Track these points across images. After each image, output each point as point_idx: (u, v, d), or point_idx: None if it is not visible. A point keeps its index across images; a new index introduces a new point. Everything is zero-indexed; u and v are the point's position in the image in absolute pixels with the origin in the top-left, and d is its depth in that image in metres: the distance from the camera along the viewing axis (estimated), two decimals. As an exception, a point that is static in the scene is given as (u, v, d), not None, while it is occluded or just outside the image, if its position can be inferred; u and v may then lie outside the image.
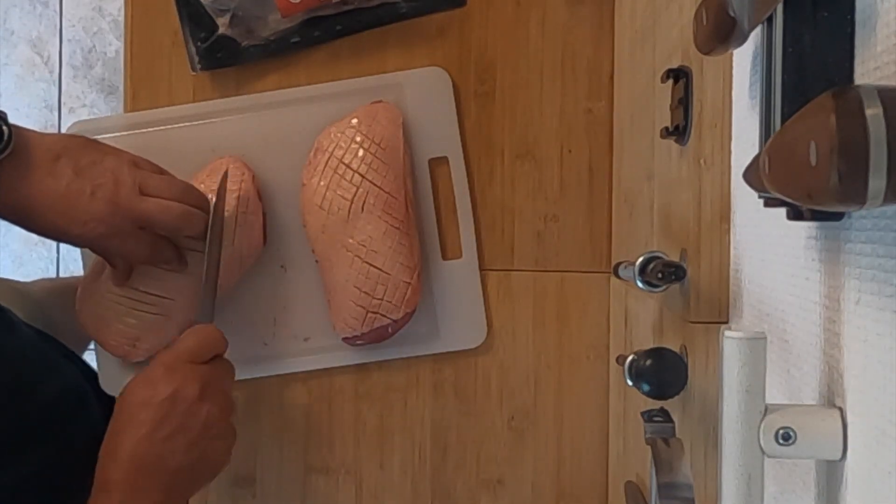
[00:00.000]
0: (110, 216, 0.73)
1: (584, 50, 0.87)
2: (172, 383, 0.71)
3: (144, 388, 0.71)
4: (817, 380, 0.39)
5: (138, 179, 0.74)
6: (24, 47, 2.09)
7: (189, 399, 0.71)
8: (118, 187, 0.73)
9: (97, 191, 0.72)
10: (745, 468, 0.37)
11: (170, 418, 0.70)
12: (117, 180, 0.73)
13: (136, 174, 0.74)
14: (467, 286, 0.88)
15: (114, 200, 0.73)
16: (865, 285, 0.34)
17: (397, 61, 0.88)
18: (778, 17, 0.38)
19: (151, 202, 0.74)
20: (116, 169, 0.74)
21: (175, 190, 0.76)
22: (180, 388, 0.71)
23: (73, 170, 0.72)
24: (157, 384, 0.71)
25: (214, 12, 0.86)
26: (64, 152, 0.73)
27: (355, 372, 0.90)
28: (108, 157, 0.74)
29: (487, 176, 0.88)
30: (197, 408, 0.71)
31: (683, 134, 0.59)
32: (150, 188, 0.75)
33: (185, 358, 0.73)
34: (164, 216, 0.74)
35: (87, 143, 0.75)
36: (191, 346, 0.73)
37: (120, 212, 0.73)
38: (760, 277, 0.48)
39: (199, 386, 0.71)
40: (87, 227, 0.72)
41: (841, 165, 0.27)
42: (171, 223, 0.75)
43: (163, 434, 0.69)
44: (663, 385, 0.57)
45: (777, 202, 0.39)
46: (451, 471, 0.90)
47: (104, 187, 0.72)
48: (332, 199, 0.82)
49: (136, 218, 0.74)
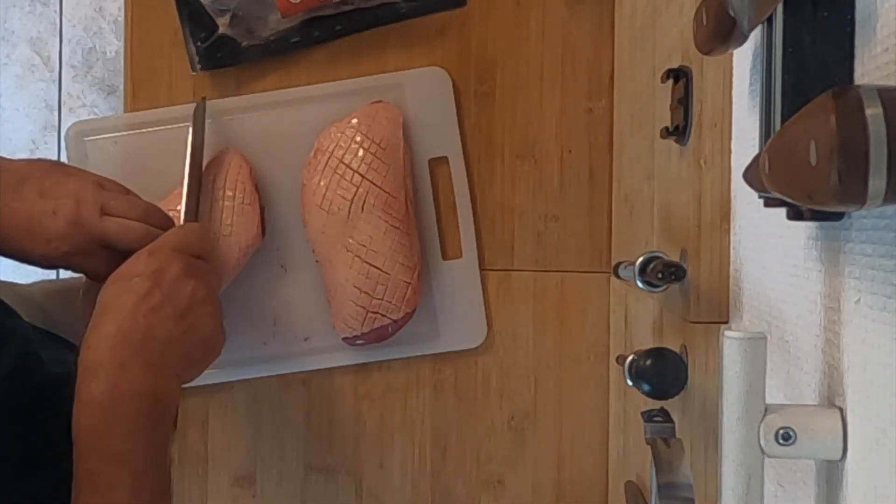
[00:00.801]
0: (72, 235, 0.73)
1: (584, 50, 0.87)
2: (155, 262, 0.70)
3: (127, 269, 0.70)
4: (817, 380, 0.39)
5: (101, 199, 0.75)
6: (24, 47, 2.09)
7: (174, 274, 0.70)
8: (80, 207, 0.74)
9: (59, 210, 0.73)
10: (745, 468, 0.37)
11: (154, 291, 0.69)
12: (79, 200, 0.74)
13: (99, 194, 0.75)
14: (467, 286, 0.88)
15: (75, 220, 0.73)
16: (865, 285, 0.34)
17: (397, 61, 0.88)
18: (778, 17, 0.38)
19: (112, 222, 0.75)
20: (79, 189, 0.74)
21: (138, 210, 0.76)
22: (164, 265, 0.70)
23: (38, 192, 0.73)
24: (139, 262, 0.70)
25: (214, 12, 0.86)
26: (29, 175, 0.74)
27: (355, 372, 0.90)
28: (72, 178, 0.75)
29: (487, 176, 0.88)
30: (183, 283, 0.70)
31: (683, 134, 0.59)
32: (113, 208, 0.75)
33: (168, 245, 0.72)
34: (124, 235, 0.75)
35: (53, 167, 0.76)
36: (174, 235, 0.73)
37: (81, 231, 0.73)
38: (760, 277, 0.48)
39: (182, 265, 0.71)
40: (51, 246, 0.73)
41: (841, 165, 0.27)
42: (132, 243, 0.76)
43: (148, 306, 0.68)
44: (663, 385, 0.57)
45: (777, 202, 0.39)
46: (451, 471, 0.90)
47: (66, 207, 0.73)
48: (332, 199, 0.82)
49: (97, 237, 0.74)
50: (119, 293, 0.69)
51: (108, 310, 0.69)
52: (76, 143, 0.89)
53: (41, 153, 2.09)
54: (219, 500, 0.91)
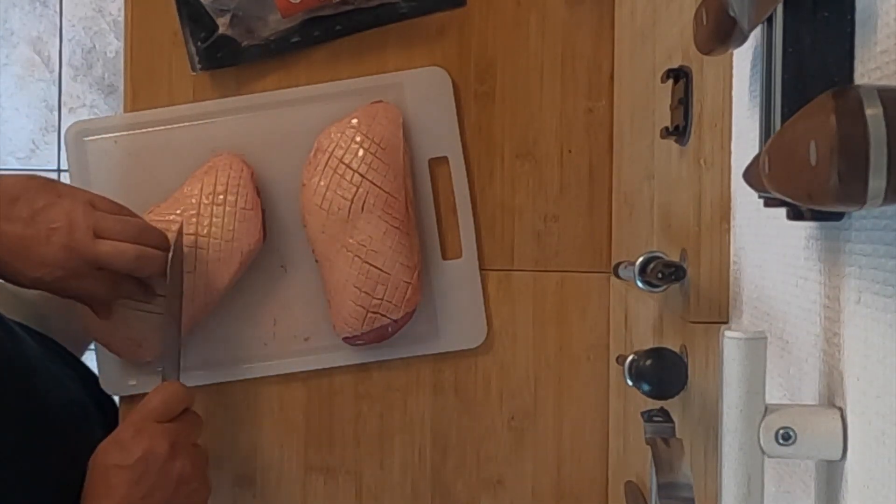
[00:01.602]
0: (66, 260, 0.74)
1: (584, 50, 0.87)
2: (142, 444, 0.72)
3: (115, 451, 0.73)
4: (817, 380, 0.39)
5: (93, 222, 0.75)
6: (24, 47, 2.09)
7: (161, 458, 0.72)
8: (72, 231, 0.74)
9: (52, 235, 0.73)
10: (745, 468, 0.37)
11: (144, 479, 0.72)
12: (72, 223, 0.74)
13: (91, 216, 0.75)
14: (467, 286, 0.88)
15: (68, 245, 0.74)
16: (865, 285, 0.34)
17: (397, 61, 0.88)
18: (778, 17, 0.38)
19: (106, 245, 0.75)
20: (71, 211, 0.74)
21: (131, 231, 0.77)
22: (151, 448, 0.72)
23: (29, 213, 0.73)
24: (127, 446, 0.73)
25: (214, 12, 0.86)
26: (21, 194, 0.74)
27: (355, 372, 0.90)
28: (65, 199, 0.75)
29: (487, 176, 0.88)
30: (169, 466, 0.73)
31: (683, 134, 0.59)
32: (106, 230, 0.75)
33: (152, 417, 0.74)
34: (118, 259, 0.75)
35: (44, 185, 0.76)
36: (157, 406, 0.75)
37: (75, 256, 0.74)
38: (760, 277, 0.48)
39: (168, 443, 0.73)
40: (44, 270, 0.74)
41: (841, 165, 0.27)
42: (126, 265, 0.76)
43: (139, 495, 0.71)
44: (663, 385, 0.57)
45: (777, 202, 0.39)
46: (451, 471, 0.90)
47: (59, 231, 0.73)
48: (332, 199, 0.82)
49: (90, 261, 0.75)
50: (110, 480, 0.72)
51: (101, 495, 0.71)
52: (76, 143, 0.89)
53: (41, 153, 2.09)
54: (219, 500, 0.91)
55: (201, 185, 0.84)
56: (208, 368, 0.89)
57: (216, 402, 0.90)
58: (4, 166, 2.08)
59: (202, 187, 0.84)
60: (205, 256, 0.83)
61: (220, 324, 0.88)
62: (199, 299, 0.83)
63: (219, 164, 0.85)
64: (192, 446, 0.76)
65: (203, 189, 0.84)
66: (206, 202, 0.83)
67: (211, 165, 0.85)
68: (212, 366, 0.89)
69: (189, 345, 0.87)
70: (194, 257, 0.83)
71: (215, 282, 0.84)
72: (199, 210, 0.83)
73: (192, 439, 0.77)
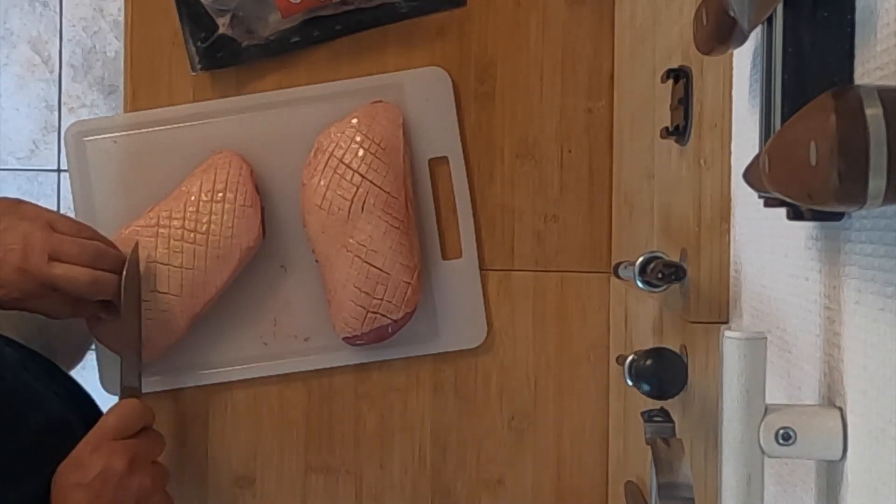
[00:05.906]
0: (21, 283, 0.74)
1: (584, 50, 0.87)
2: (99, 461, 0.72)
3: (73, 470, 0.73)
4: (817, 380, 0.39)
5: (50, 245, 0.75)
6: (24, 47, 2.09)
7: (118, 474, 0.73)
8: (27, 254, 0.74)
9: (7, 256, 0.74)
10: (745, 468, 0.37)
11: (102, 495, 0.72)
12: (27, 246, 0.74)
13: (48, 239, 0.75)
14: (467, 286, 0.88)
15: (22, 267, 0.74)
16: (865, 285, 0.34)
17: (397, 61, 0.88)
18: (778, 17, 0.38)
19: (60, 269, 0.75)
20: (28, 234, 0.75)
21: (87, 255, 0.77)
22: (108, 465, 0.72)
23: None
24: (84, 464, 0.73)
25: (214, 12, 0.86)
26: None
27: (355, 372, 0.90)
28: (24, 221, 0.76)
29: (487, 176, 0.88)
30: (128, 481, 0.73)
31: (683, 134, 0.59)
32: (62, 253, 0.76)
33: (109, 436, 0.74)
34: (71, 283, 0.76)
35: (9, 208, 0.76)
36: (112, 424, 0.75)
37: (30, 278, 0.74)
38: (760, 277, 0.48)
39: (126, 459, 0.73)
40: (1, 291, 0.74)
41: (841, 165, 0.27)
42: (78, 290, 0.76)
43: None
44: (663, 385, 0.57)
45: (777, 202, 0.39)
46: (451, 471, 0.90)
47: (13, 253, 0.74)
48: (332, 199, 0.82)
49: (45, 283, 0.75)
50: (69, 499, 0.72)
51: None
52: (76, 143, 0.89)
53: (41, 153, 2.09)
54: (219, 500, 0.91)
55: (201, 183, 0.84)
56: (208, 368, 0.89)
57: (216, 402, 0.90)
58: (4, 166, 2.08)
59: (202, 184, 0.84)
60: (204, 253, 0.83)
61: (220, 324, 0.88)
62: (198, 296, 0.84)
63: (218, 161, 0.85)
64: (151, 463, 0.77)
65: (203, 186, 0.84)
66: (205, 199, 0.84)
67: (210, 163, 0.86)
68: (212, 366, 0.89)
69: (189, 344, 0.87)
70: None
71: (215, 278, 0.84)
72: (198, 207, 0.84)
73: (151, 456, 0.77)
